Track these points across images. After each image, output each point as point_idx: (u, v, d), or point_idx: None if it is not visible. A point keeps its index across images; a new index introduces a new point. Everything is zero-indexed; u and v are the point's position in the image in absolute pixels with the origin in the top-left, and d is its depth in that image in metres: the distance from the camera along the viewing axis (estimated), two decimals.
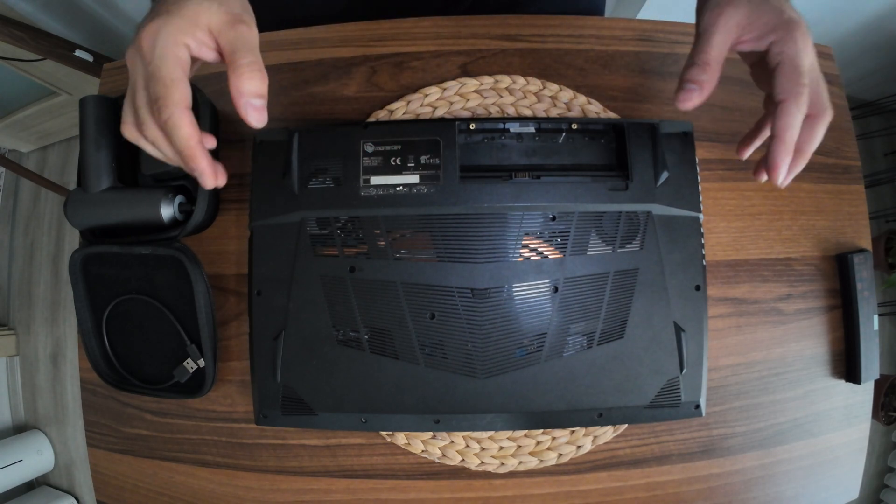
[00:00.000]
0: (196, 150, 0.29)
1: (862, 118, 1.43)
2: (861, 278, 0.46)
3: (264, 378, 0.40)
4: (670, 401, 0.40)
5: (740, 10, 0.33)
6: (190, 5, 0.29)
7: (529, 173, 0.41)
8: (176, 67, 0.29)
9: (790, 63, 0.32)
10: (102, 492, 0.47)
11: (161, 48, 0.28)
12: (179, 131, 0.29)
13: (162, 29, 0.29)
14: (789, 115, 0.32)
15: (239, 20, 0.30)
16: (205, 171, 0.30)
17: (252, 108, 0.29)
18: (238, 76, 0.29)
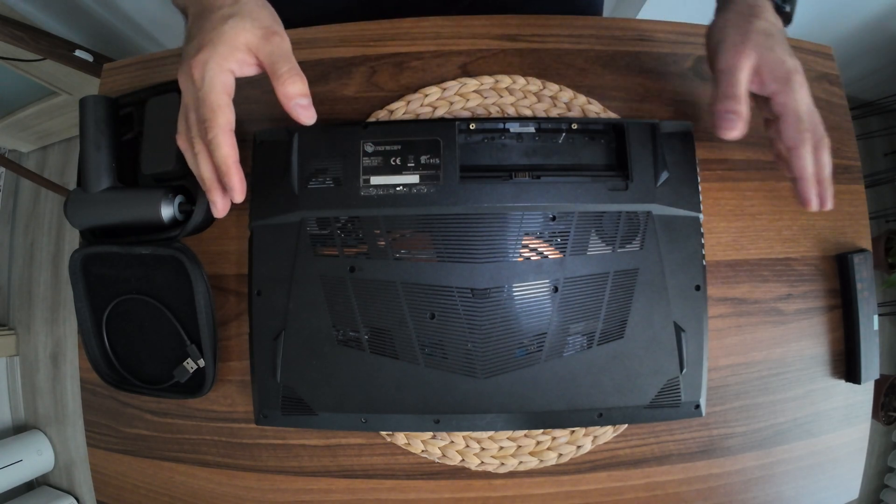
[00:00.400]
0: (232, 168, 0.34)
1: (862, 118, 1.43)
2: (861, 278, 0.46)
3: (264, 378, 0.40)
4: (670, 401, 0.40)
5: (754, 54, 0.37)
6: (227, 29, 0.34)
7: (529, 173, 0.41)
8: (222, 94, 0.33)
9: (793, 115, 0.37)
10: (102, 492, 0.47)
11: (209, 77, 0.33)
12: (221, 150, 0.33)
13: (210, 60, 0.33)
14: (803, 159, 0.37)
15: (272, 32, 0.35)
16: (235, 187, 0.34)
17: (300, 107, 0.35)
18: (282, 83, 0.34)
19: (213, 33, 0.34)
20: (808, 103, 0.37)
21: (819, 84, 0.50)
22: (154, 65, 0.50)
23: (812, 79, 0.50)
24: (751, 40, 0.38)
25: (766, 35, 0.38)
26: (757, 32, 0.38)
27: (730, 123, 0.37)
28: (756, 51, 0.37)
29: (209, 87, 0.33)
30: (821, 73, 0.51)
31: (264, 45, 0.34)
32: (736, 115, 0.37)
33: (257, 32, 0.34)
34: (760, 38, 0.38)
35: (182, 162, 0.43)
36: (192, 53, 0.34)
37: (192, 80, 0.34)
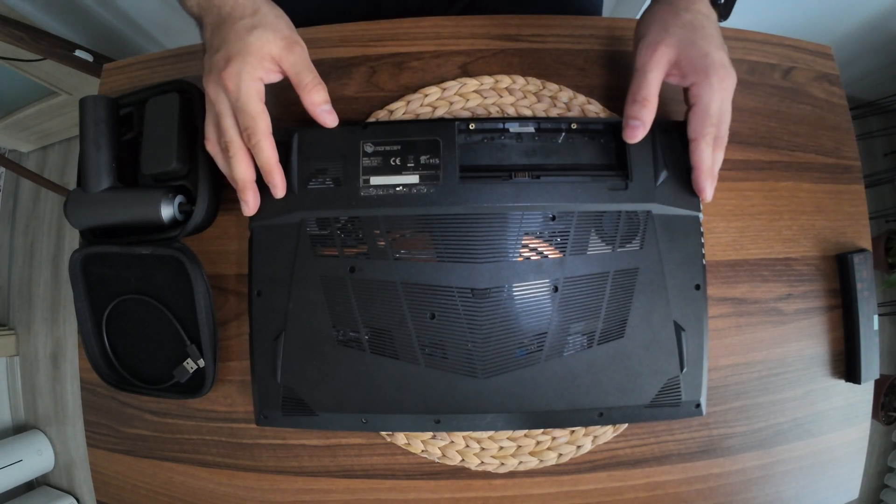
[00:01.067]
0: (275, 168, 0.38)
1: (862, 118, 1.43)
2: (861, 278, 0.46)
3: (264, 379, 0.40)
4: (671, 400, 0.40)
5: (671, 50, 0.38)
6: (253, 41, 0.36)
7: (529, 173, 0.41)
8: (258, 102, 0.36)
9: (702, 107, 0.38)
10: (102, 492, 0.47)
11: (245, 87, 0.35)
12: (264, 153, 0.37)
13: (242, 71, 0.35)
14: (701, 152, 0.38)
15: (293, 42, 0.38)
16: (279, 184, 0.38)
17: (325, 113, 0.39)
18: (308, 93, 0.38)
19: (239, 44, 0.36)
20: (722, 100, 0.38)
21: (819, 84, 0.50)
22: (154, 65, 0.50)
23: (812, 79, 0.50)
24: (671, 35, 0.38)
25: (692, 28, 0.38)
26: (681, 26, 0.38)
27: (632, 131, 0.39)
28: (676, 46, 0.37)
29: (246, 96, 0.35)
30: (821, 73, 0.51)
31: (288, 55, 0.37)
32: (640, 121, 0.38)
33: (280, 43, 0.37)
34: (684, 31, 0.37)
35: (182, 162, 0.43)
36: (221, 65, 0.36)
37: (227, 90, 0.36)
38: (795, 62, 0.50)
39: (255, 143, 0.36)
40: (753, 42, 0.50)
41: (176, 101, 0.44)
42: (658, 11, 0.40)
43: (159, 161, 0.43)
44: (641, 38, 0.39)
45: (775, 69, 0.50)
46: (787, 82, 0.50)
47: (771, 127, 0.48)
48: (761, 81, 0.49)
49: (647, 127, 0.38)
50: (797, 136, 0.49)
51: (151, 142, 0.44)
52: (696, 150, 0.39)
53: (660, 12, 0.39)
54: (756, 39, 0.50)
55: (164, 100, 0.44)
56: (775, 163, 0.48)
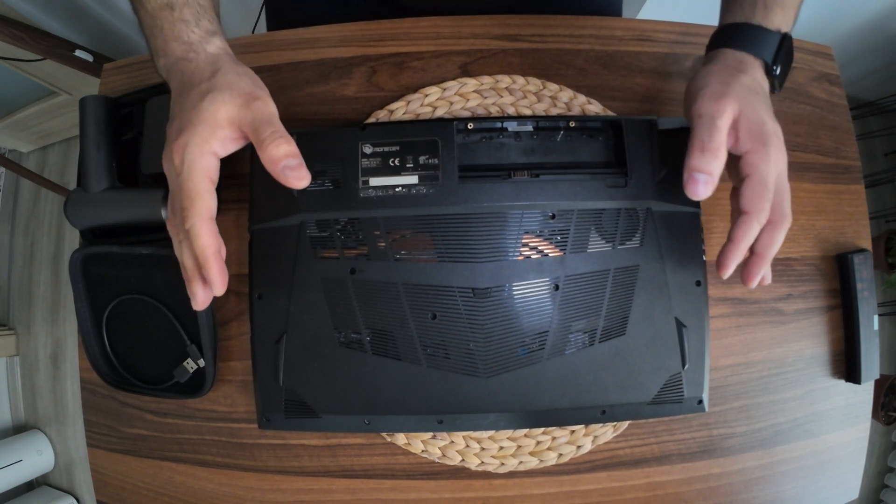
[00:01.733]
0: (210, 260, 0.31)
1: (862, 118, 1.43)
2: (861, 278, 0.46)
3: (267, 381, 0.40)
4: (673, 396, 0.40)
5: (735, 105, 0.34)
6: (206, 106, 0.31)
7: (528, 172, 0.41)
8: (202, 179, 0.31)
9: (759, 179, 0.33)
10: (102, 492, 0.47)
11: (189, 162, 0.31)
12: (199, 240, 0.31)
13: (189, 143, 0.31)
14: (749, 228, 0.34)
15: (253, 98, 0.32)
16: (214, 280, 0.31)
17: (288, 169, 0.31)
18: (265, 149, 0.31)
19: (192, 112, 0.32)
20: (780, 171, 0.35)
21: (819, 84, 0.50)
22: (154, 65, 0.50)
23: (812, 79, 0.50)
24: (733, 91, 0.34)
25: (751, 91, 0.35)
26: (740, 85, 0.35)
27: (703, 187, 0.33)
28: (739, 103, 0.34)
29: (188, 172, 0.31)
30: (821, 73, 0.51)
31: (246, 114, 0.32)
32: (709, 175, 0.33)
33: (237, 101, 0.32)
34: (743, 91, 0.35)
35: None
36: (173, 137, 0.32)
37: (173, 165, 0.32)
38: (795, 62, 0.50)
39: (188, 228, 0.30)
40: None
41: None
42: (717, 70, 0.36)
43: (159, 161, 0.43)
44: (701, 89, 0.35)
45: None
46: (788, 82, 0.49)
47: None
48: None
49: (715, 183, 0.33)
50: (797, 136, 0.49)
51: (151, 142, 0.44)
52: (743, 223, 0.34)
53: (719, 71, 0.36)
54: None
55: (164, 100, 0.44)
56: None
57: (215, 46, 0.35)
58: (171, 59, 0.34)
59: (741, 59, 0.36)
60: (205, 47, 0.34)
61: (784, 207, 0.35)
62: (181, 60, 0.34)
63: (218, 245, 0.31)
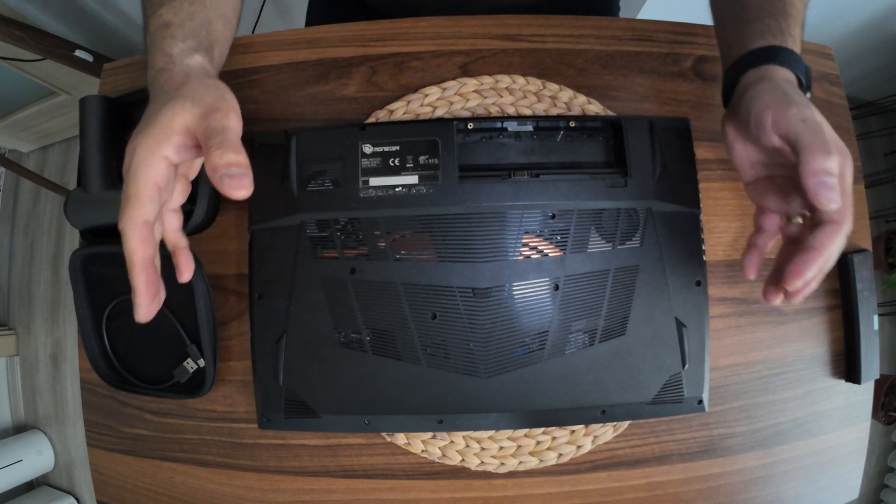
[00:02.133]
0: (136, 266, 0.29)
1: (862, 118, 1.43)
2: (861, 278, 0.46)
3: (267, 381, 0.40)
4: (673, 396, 0.40)
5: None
6: (164, 113, 0.30)
7: (528, 172, 0.41)
8: (143, 183, 0.29)
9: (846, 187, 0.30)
10: (102, 492, 0.47)
11: (135, 165, 0.29)
12: (126, 244, 0.29)
13: (139, 146, 0.30)
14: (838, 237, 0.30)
15: (213, 110, 0.31)
16: (138, 288, 0.29)
17: (227, 177, 0.28)
18: (208, 156, 0.29)
19: (152, 117, 0.31)
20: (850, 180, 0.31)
21: (819, 84, 0.50)
22: None
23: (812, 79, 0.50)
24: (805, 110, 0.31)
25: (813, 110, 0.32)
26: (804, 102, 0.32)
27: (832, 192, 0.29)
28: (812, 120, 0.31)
29: (132, 174, 0.29)
30: (821, 73, 0.51)
31: (201, 123, 0.30)
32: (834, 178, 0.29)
33: (196, 111, 0.30)
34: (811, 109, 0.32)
35: None
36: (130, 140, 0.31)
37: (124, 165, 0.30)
38: None
39: (119, 229, 0.29)
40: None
41: None
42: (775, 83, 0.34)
43: None
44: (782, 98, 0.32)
45: None
46: None
47: None
48: None
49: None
50: None
51: None
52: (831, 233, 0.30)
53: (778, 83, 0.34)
54: None
55: None
56: None
57: (195, 62, 0.35)
58: (153, 71, 0.34)
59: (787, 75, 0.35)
60: (183, 60, 0.34)
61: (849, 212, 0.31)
62: (161, 71, 0.34)
63: (147, 253, 0.29)
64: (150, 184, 0.29)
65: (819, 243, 0.30)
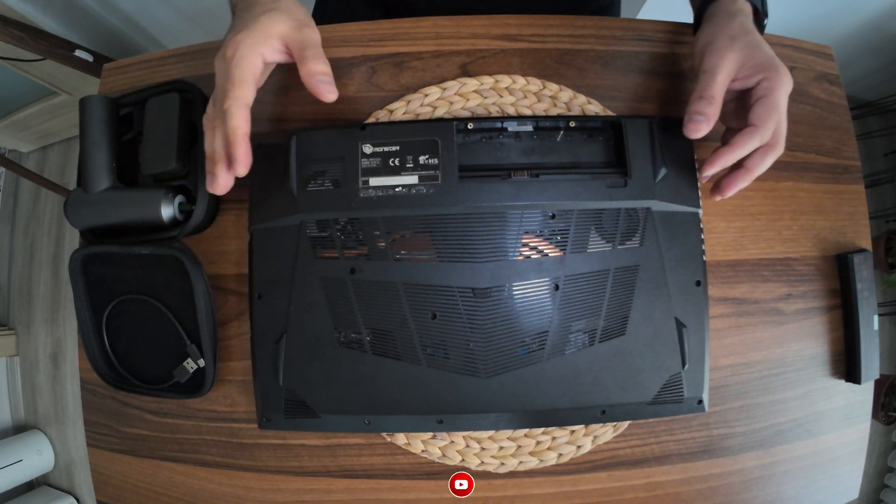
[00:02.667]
0: (240, 139, 0.35)
1: (862, 118, 1.43)
2: (861, 278, 0.46)
3: (266, 381, 0.40)
4: (673, 396, 0.40)
5: (740, 53, 0.38)
6: (263, 19, 0.37)
7: (528, 172, 0.41)
8: (247, 71, 0.35)
9: (773, 99, 0.37)
10: (102, 492, 0.47)
11: (239, 56, 0.35)
12: (232, 120, 0.35)
13: (243, 41, 0.36)
14: (751, 137, 0.37)
15: (304, 24, 0.38)
16: (240, 158, 0.35)
17: (323, 83, 0.37)
18: (305, 63, 0.37)
19: (251, 22, 0.37)
20: (786, 104, 0.38)
21: (819, 84, 0.50)
22: (154, 65, 0.50)
23: (812, 79, 0.50)
24: (739, 42, 0.39)
25: (756, 39, 0.39)
26: (744, 33, 0.39)
27: (696, 125, 0.38)
28: (744, 51, 0.38)
29: (236, 62, 0.35)
30: (821, 73, 0.51)
31: (295, 34, 0.38)
32: (704, 116, 0.38)
33: (291, 24, 0.38)
34: (749, 38, 0.39)
35: (182, 162, 0.43)
36: (229, 37, 0.36)
37: (225, 58, 0.36)
38: (795, 62, 0.50)
39: (225, 109, 0.35)
40: None
41: (176, 101, 0.44)
42: (717, 20, 0.41)
43: (159, 161, 0.43)
44: (708, 45, 0.40)
45: None
46: None
47: None
48: None
49: (710, 123, 0.38)
50: (797, 136, 0.49)
51: (151, 142, 0.44)
52: (748, 133, 0.37)
53: (719, 21, 0.41)
54: None
55: (164, 100, 0.44)
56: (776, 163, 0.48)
57: None
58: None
59: (736, 4, 0.41)
60: None
61: (782, 136, 0.39)
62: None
63: (247, 129, 0.35)
64: (252, 71, 0.36)
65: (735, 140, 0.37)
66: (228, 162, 0.36)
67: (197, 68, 0.49)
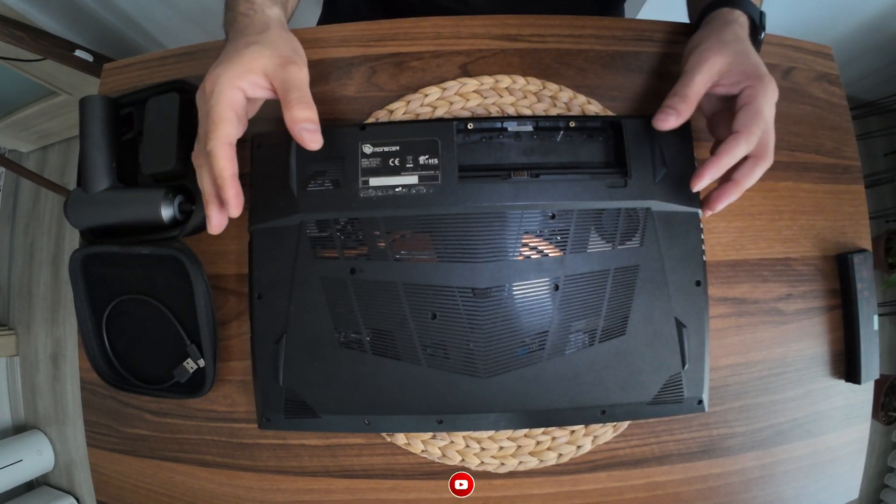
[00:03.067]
0: (227, 181, 0.34)
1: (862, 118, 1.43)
2: (861, 278, 0.46)
3: (267, 381, 0.40)
4: (673, 396, 0.40)
5: (725, 59, 0.38)
6: (247, 53, 0.35)
7: (528, 172, 0.41)
8: (227, 108, 0.34)
9: (756, 107, 0.37)
10: (102, 492, 0.47)
11: (218, 92, 0.34)
12: (218, 162, 0.34)
13: (221, 75, 0.34)
14: (737, 145, 0.36)
15: (289, 62, 0.36)
16: (230, 200, 0.35)
17: (306, 131, 0.35)
18: (290, 109, 0.35)
19: (233, 55, 0.35)
20: (772, 114, 0.37)
21: (819, 84, 0.50)
22: (154, 65, 0.50)
23: (812, 79, 0.50)
24: (726, 46, 0.39)
25: (745, 47, 0.39)
26: (735, 41, 0.39)
27: (665, 116, 0.38)
28: (730, 57, 0.38)
29: (216, 99, 0.34)
30: (821, 73, 0.51)
31: (279, 72, 0.36)
32: (675, 111, 0.38)
33: (275, 60, 0.36)
34: (738, 46, 0.39)
35: (182, 162, 0.43)
36: (210, 71, 0.35)
37: (204, 93, 0.35)
38: (795, 62, 0.50)
39: (209, 150, 0.34)
40: None
41: (176, 101, 0.44)
42: (711, 25, 0.42)
43: (159, 161, 0.43)
44: (695, 48, 0.40)
45: (775, 69, 0.50)
46: (787, 82, 0.50)
47: None
48: None
49: (679, 118, 0.38)
50: (797, 136, 0.49)
51: (151, 142, 0.44)
52: (732, 140, 0.36)
53: (713, 26, 0.42)
54: None
55: (164, 100, 0.44)
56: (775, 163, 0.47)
57: (274, 13, 0.40)
58: (233, 13, 0.39)
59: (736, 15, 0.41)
60: (264, 9, 0.39)
61: (769, 147, 0.38)
62: (241, 15, 0.39)
63: (234, 169, 0.34)
64: (230, 108, 0.34)
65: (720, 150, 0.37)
66: (220, 202, 0.35)
67: (197, 68, 0.49)
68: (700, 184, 0.38)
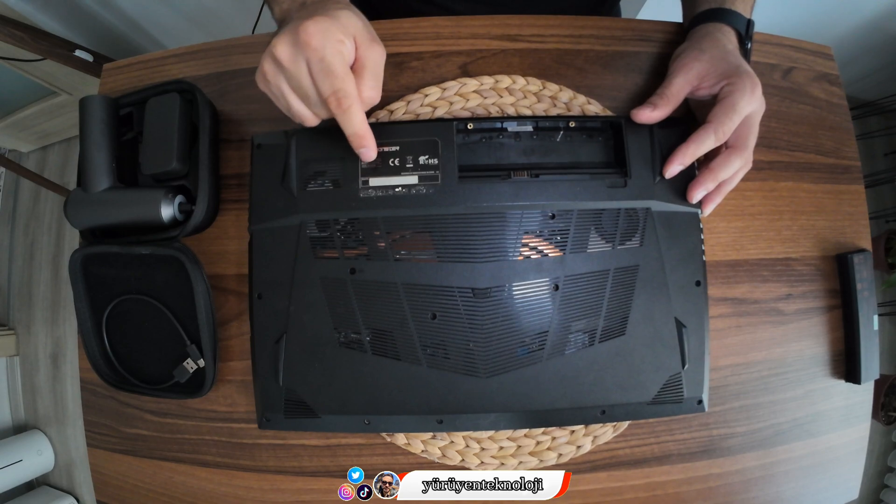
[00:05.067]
0: (367, 133, 0.35)
1: (862, 118, 1.43)
2: (861, 278, 0.46)
3: (266, 381, 0.40)
4: (673, 396, 0.40)
5: (704, 64, 0.40)
6: (341, 15, 0.34)
7: (528, 172, 0.41)
8: (344, 63, 0.33)
9: (730, 100, 0.38)
10: (102, 492, 0.47)
11: (331, 46, 0.32)
12: (356, 117, 0.34)
13: (329, 29, 0.32)
14: (705, 134, 0.38)
15: (377, 40, 0.36)
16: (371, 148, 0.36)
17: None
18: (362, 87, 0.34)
19: (329, 11, 0.33)
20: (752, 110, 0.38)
21: (819, 84, 0.50)
22: (154, 65, 0.50)
23: (812, 79, 0.50)
24: (705, 52, 0.41)
25: (726, 51, 0.41)
26: (715, 47, 0.41)
27: (642, 109, 0.40)
28: (708, 61, 0.40)
29: (332, 55, 0.32)
30: (821, 73, 0.51)
31: (368, 45, 0.35)
32: (653, 106, 0.40)
33: (367, 34, 0.35)
34: (717, 51, 0.41)
35: (182, 162, 0.43)
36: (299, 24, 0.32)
37: (307, 47, 0.32)
38: (795, 62, 0.50)
39: (346, 108, 0.33)
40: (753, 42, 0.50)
41: (176, 101, 0.44)
42: (695, 36, 0.44)
43: (159, 161, 0.43)
44: (677, 56, 0.43)
45: (775, 69, 0.50)
46: (787, 82, 0.50)
47: (771, 127, 0.48)
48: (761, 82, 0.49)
49: (655, 112, 0.40)
50: (797, 136, 0.49)
51: (151, 142, 0.44)
52: (701, 129, 0.38)
53: (697, 36, 0.44)
54: (756, 39, 0.50)
55: (164, 100, 0.44)
56: (775, 163, 0.48)
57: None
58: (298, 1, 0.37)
59: (719, 27, 0.43)
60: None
61: (748, 141, 0.39)
62: None
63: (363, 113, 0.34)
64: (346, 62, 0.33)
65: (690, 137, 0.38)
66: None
67: (197, 68, 0.49)
68: (669, 170, 0.39)
